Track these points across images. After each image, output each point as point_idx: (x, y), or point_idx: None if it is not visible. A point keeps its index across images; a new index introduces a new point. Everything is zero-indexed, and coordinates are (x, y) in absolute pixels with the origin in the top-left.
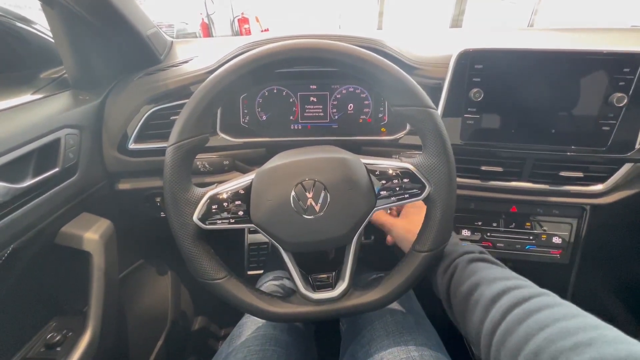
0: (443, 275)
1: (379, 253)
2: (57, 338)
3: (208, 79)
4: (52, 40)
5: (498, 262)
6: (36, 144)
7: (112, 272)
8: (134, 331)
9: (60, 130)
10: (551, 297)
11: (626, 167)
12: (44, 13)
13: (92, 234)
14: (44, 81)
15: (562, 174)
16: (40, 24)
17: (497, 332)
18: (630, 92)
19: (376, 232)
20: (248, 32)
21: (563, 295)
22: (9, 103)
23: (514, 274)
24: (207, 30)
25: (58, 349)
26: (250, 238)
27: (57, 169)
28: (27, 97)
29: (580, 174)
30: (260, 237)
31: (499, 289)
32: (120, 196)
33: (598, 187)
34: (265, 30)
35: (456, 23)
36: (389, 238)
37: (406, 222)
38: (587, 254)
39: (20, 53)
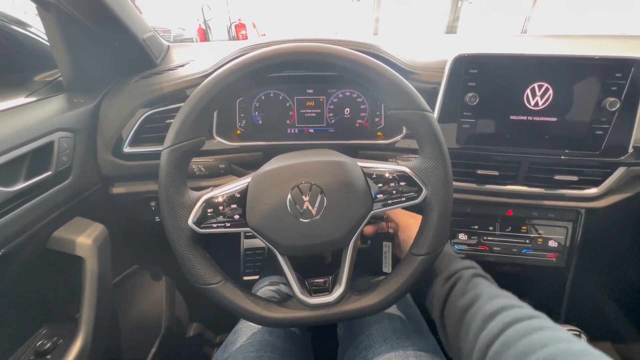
0: (443, 284)
1: (376, 258)
2: (48, 345)
3: (205, 81)
4: (47, 43)
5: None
6: (29, 146)
7: (106, 277)
8: (128, 338)
9: (53, 133)
10: (552, 323)
11: (620, 171)
12: (39, 16)
13: (85, 238)
14: (38, 84)
15: (557, 177)
16: (36, 27)
17: (494, 345)
18: (623, 96)
19: (372, 237)
20: (245, 38)
21: (560, 299)
22: (2, 105)
23: (514, 296)
24: (204, 36)
25: (48, 356)
26: (246, 243)
27: (50, 173)
28: (20, 100)
29: (574, 178)
30: (256, 242)
31: (500, 304)
32: (115, 200)
33: (592, 191)
34: (262, 35)
35: (451, 29)
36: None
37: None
38: (583, 257)
39: (15, 56)
